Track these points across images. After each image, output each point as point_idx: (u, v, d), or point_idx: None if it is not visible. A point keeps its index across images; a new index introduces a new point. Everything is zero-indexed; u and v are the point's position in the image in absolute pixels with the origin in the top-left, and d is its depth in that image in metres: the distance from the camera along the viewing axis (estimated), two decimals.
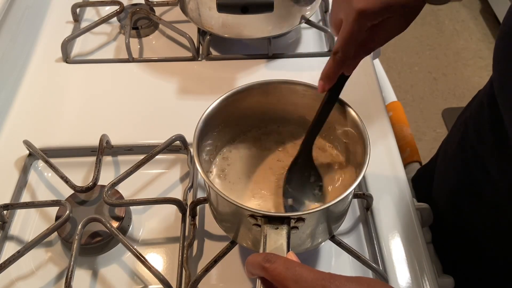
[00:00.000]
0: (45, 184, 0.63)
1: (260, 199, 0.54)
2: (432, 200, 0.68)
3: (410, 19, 0.48)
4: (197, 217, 0.59)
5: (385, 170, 0.63)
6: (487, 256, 0.63)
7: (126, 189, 0.60)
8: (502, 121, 0.52)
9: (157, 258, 0.56)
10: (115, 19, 0.82)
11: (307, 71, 0.75)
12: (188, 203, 0.58)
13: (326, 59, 0.51)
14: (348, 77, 0.52)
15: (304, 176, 0.54)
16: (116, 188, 0.58)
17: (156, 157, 0.60)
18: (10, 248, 0.57)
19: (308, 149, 0.55)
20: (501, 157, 0.54)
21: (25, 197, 0.62)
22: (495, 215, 0.58)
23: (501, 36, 0.51)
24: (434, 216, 0.63)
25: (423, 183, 0.77)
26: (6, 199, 0.60)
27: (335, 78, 0.51)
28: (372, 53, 0.84)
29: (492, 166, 0.56)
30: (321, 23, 0.83)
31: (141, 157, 0.60)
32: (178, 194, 0.62)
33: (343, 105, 0.53)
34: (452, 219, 0.67)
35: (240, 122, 0.58)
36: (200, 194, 0.61)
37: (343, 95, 0.53)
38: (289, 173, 0.54)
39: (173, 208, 0.59)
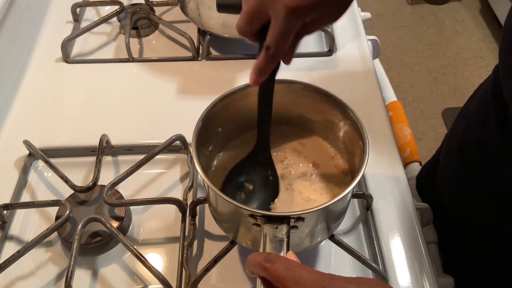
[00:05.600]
0: (45, 184, 0.63)
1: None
2: (436, 197, 0.68)
3: (343, 8, 0.47)
4: (197, 217, 0.59)
5: (385, 170, 0.63)
6: (489, 254, 0.63)
7: (126, 189, 0.60)
8: (507, 114, 0.52)
9: (157, 258, 0.56)
10: (115, 19, 0.82)
11: (307, 71, 0.75)
12: (188, 203, 0.58)
13: (326, 59, 0.50)
14: (278, 68, 0.50)
15: (263, 173, 0.53)
16: (116, 188, 0.58)
17: (156, 157, 0.60)
18: (10, 248, 0.57)
19: (264, 147, 0.53)
20: (508, 150, 0.54)
21: (25, 197, 0.62)
22: (501, 208, 0.58)
23: (507, 36, 0.51)
24: (436, 214, 0.63)
25: (427, 181, 0.77)
26: (6, 199, 0.60)
27: (269, 72, 0.49)
28: (372, 53, 0.84)
29: (498, 159, 0.56)
30: None
31: (141, 157, 0.60)
32: (178, 194, 0.62)
33: (343, 105, 0.52)
34: (455, 216, 0.67)
35: (239, 122, 0.58)
36: (200, 194, 0.61)
37: (343, 95, 0.53)
38: (239, 167, 0.53)
39: (173, 208, 0.59)
